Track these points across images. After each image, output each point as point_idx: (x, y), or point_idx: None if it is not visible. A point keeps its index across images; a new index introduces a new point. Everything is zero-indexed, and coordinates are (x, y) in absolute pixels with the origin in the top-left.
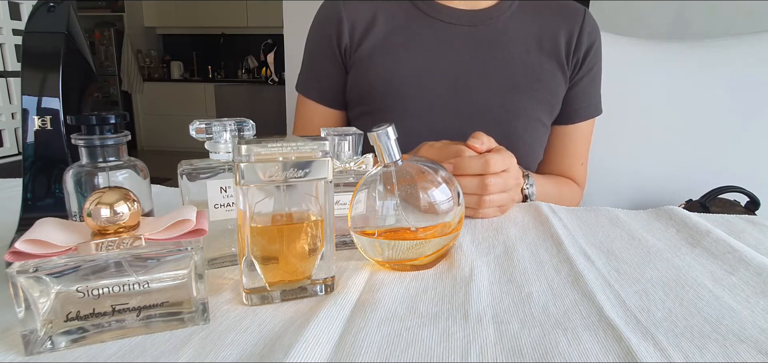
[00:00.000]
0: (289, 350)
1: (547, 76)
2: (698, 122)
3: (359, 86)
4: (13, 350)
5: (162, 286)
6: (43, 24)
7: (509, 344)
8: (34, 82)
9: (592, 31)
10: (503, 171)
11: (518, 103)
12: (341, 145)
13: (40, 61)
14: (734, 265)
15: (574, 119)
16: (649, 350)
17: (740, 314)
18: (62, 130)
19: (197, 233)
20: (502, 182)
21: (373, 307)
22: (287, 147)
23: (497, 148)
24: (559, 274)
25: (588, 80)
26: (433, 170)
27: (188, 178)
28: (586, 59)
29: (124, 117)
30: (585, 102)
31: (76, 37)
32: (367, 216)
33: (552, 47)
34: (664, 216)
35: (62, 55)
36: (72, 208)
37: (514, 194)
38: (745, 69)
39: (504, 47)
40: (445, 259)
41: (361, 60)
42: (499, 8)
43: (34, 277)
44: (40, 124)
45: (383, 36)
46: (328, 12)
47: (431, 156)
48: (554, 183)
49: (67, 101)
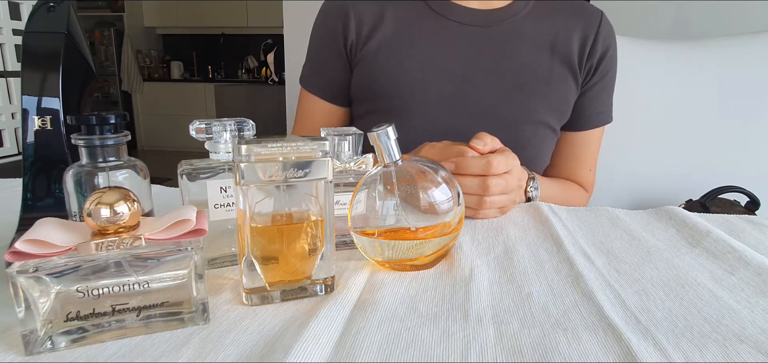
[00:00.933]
0: (289, 350)
1: (557, 80)
2: (698, 122)
3: (364, 84)
4: (13, 350)
5: (162, 286)
6: (43, 24)
7: (509, 344)
8: (34, 82)
9: (608, 37)
10: (505, 173)
11: (526, 106)
12: (341, 145)
13: (40, 61)
14: (734, 265)
15: (585, 126)
16: (649, 350)
17: (740, 314)
18: (62, 130)
19: (197, 233)
20: (503, 184)
21: (373, 307)
22: (287, 147)
23: (501, 149)
24: (559, 274)
25: (600, 87)
26: (433, 170)
27: (188, 178)
28: (600, 66)
29: (124, 117)
30: (597, 109)
31: (75, 37)
32: (367, 216)
33: (565, 51)
34: (664, 216)
35: (62, 55)
36: (72, 208)
37: (515, 196)
38: (745, 69)
39: (515, 48)
40: (445, 259)
41: (367, 57)
42: (513, 8)
43: (34, 277)
44: (40, 124)
45: (391, 34)
46: (334, 7)
47: (432, 156)
48: (560, 186)
49: (67, 101)
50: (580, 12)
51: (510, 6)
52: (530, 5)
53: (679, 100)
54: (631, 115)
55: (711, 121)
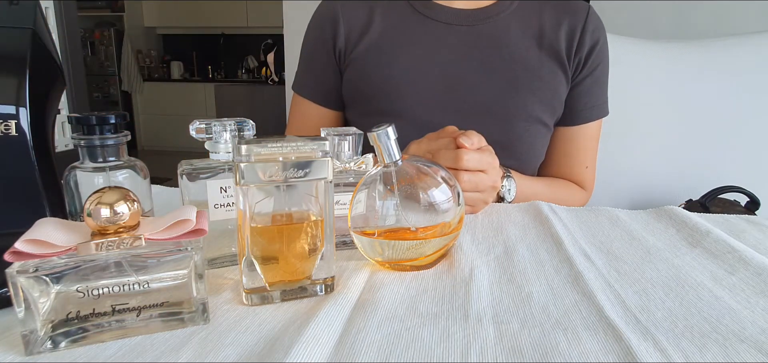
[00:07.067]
0: (289, 350)
1: (547, 75)
2: (698, 122)
3: (355, 86)
4: (13, 350)
5: (162, 286)
6: (7, 19)
7: (509, 344)
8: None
9: (596, 30)
10: (479, 171)
11: (517, 102)
12: (341, 145)
13: (3, 60)
14: (734, 265)
15: (577, 121)
16: (649, 350)
17: (740, 314)
18: (28, 135)
19: (197, 233)
20: (475, 181)
21: (373, 307)
22: (287, 147)
23: (485, 147)
24: (559, 274)
25: (591, 80)
26: (432, 170)
27: (188, 178)
28: (589, 58)
29: (124, 117)
30: (589, 103)
31: (41, 34)
32: (367, 216)
33: (553, 46)
34: (664, 216)
35: (29, 54)
36: (72, 209)
37: (487, 196)
38: (746, 69)
39: (503, 45)
40: (445, 259)
41: (357, 60)
42: (499, 6)
43: (34, 277)
44: (4, 129)
45: (378, 36)
46: (325, 12)
47: (421, 153)
48: (547, 185)
49: (34, 103)
50: (566, 7)
51: (495, 4)
52: (516, 4)
53: (679, 100)
54: (631, 115)
55: (711, 121)
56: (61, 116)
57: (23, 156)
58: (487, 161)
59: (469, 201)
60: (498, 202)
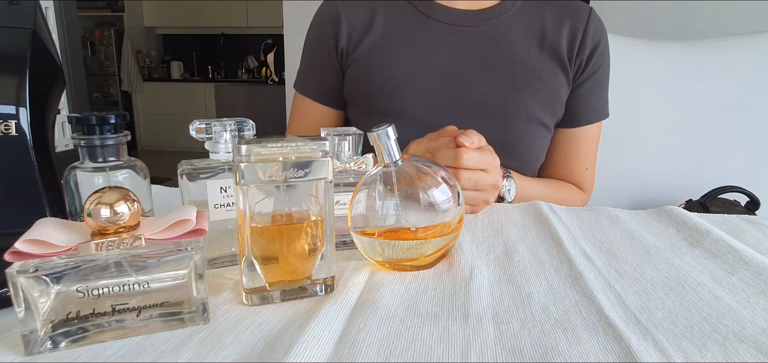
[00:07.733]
0: (289, 350)
1: (548, 76)
2: (698, 122)
3: (356, 86)
4: (13, 350)
5: (162, 286)
6: (6, 18)
7: (509, 344)
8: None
9: (597, 32)
10: (481, 170)
11: (518, 103)
12: (341, 145)
13: (3, 60)
14: (734, 265)
15: (578, 123)
16: (649, 350)
17: (740, 314)
18: (28, 135)
19: (197, 233)
20: (475, 179)
21: (373, 307)
22: (287, 147)
23: (485, 146)
24: (559, 274)
25: (592, 83)
26: (432, 170)
27: (188, 178)
28: (590, 61)
29: (124, 117)
30: (589, 105)
31: (41, 34)
32: (367, 216)
33: (554, 47)
34: (664, 216)
35: (29, 53)
36: (72, 209)
37: (488, 196)
38: (746, 69)
39: (504, 46)
40: (445, 259)
41: (359, 60)
42: (501, 7)
43: (34, 277)
44: (4, 129)
45: (380, 35)
46: (327, 12)
47: (420, 152)
48: (546, 186)
49: (34, 103)
50: (568, 8)
51: (498, 5)
52: (518, 4)
53: (679, 100)
54: (631, 116)
55: (711, 121)
56: (61, 116)
57: (23, 156)
58: (487, 160)
59: (469, 200)
60: (498, 202)
